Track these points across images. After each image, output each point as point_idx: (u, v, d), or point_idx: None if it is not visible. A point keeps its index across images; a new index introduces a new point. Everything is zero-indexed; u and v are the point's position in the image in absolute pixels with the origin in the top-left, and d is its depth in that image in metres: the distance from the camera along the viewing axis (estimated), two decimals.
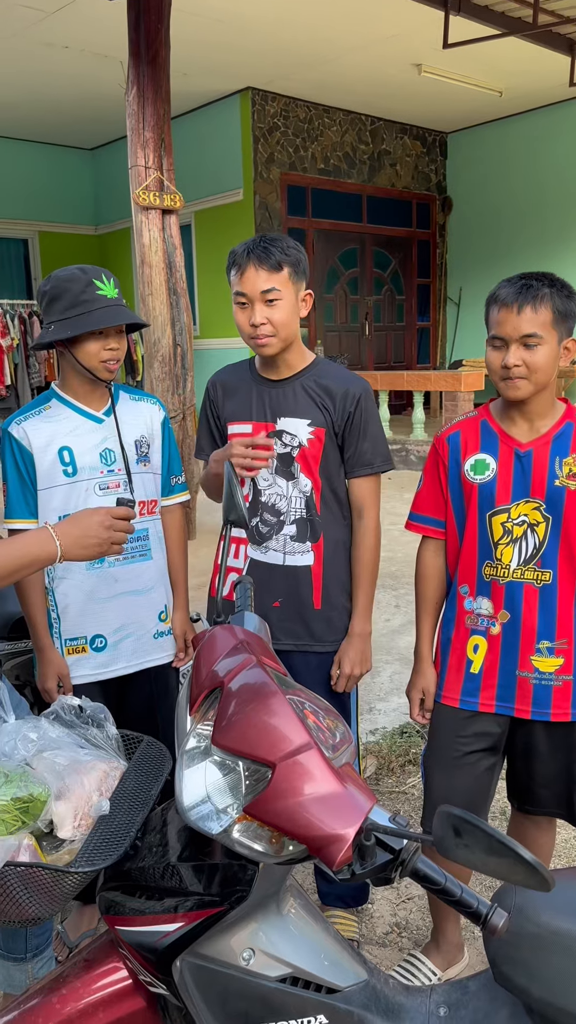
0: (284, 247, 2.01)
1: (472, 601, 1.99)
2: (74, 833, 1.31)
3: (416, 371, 9.85)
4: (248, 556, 2.16)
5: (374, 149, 11.48)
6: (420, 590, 2.14)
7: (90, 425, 2.14)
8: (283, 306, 2.01)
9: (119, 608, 2.19)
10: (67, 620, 2.15)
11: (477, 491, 1.95)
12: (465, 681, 2.01)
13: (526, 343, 1.80)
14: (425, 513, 2.09)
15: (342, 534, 2.20)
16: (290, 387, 2.13)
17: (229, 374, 2.25)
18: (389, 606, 4.68)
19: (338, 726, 1.27)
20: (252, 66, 9.18)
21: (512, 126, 11.40)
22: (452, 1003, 1.39)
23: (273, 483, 2.13)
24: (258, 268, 1.98)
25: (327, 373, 2.16)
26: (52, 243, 12.20)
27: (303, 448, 2.11)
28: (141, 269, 5.76)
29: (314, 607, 2.17)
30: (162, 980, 1.23)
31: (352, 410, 2.12)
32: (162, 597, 2.29)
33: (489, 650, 1.97)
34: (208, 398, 2.26)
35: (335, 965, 1.31)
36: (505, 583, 1.93)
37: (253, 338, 2.04)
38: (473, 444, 1.98)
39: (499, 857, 0.94)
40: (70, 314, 2.02)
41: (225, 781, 1.22)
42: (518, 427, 1.93)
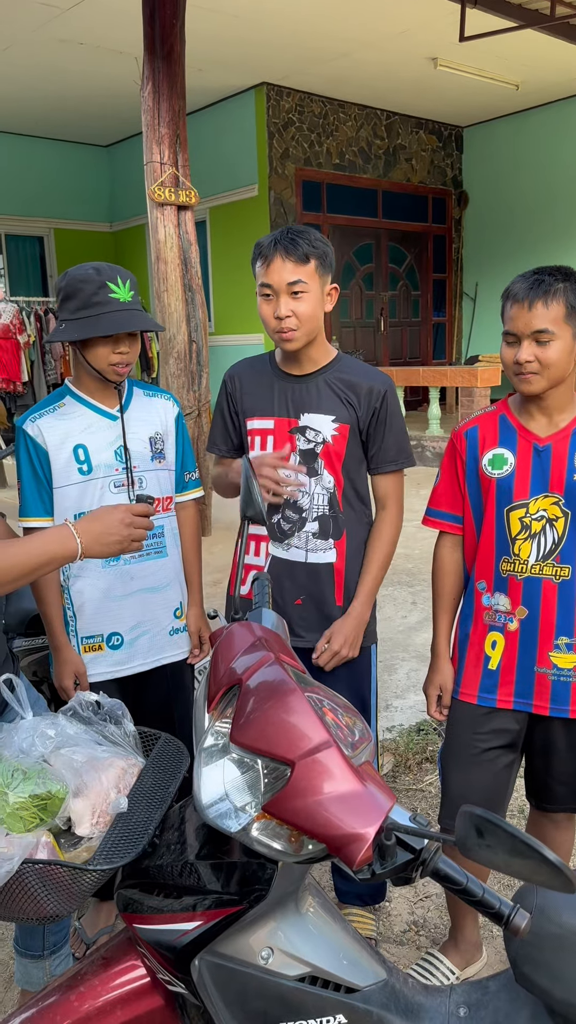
0: (312, 239, 1.99)
1: (490, 597, 1.98)
2: (92, 830, 1.31)
3: (432, 367, 9.79)
4: (269, 553, 2.15)
5: (389, 144, 11.43)
6: (437, 586, 2.13)
7: (105, 422, 2.13)
8: (309, 299, 2.00)
9: (135, 605, 2.19)
10: (83, 618, 2.15)
11: (495, 486, 1.94)
12: (483, 677, 2.00)
13: (538, 339, 1.79)
14: (442, 508, 2.08)
15: (365, 532, 2.19)
16: (313, 383, 2.11)
17: (248, 368, 2.23)
18: (406, 603, 4.66)
19: (357, 724, 1.26)
20: (267, 61, 9.15)
21: (529, 120, 11.30)
22: (472, 1003, 1.37)
23: (296, 479, 2.12)
24: (285, 259, 1.96)
25: (351, 369, 2.14)
26: (68, 240, 12.22)
27: (327, 444, 2.10)
28: (156, 265, 5.76)
29: (336, 604, 2.16)
30: (180, 979, 1.23)
31: (377, 406, 2.11)
32: (177, 594, 2.28)
33: (507, 646, 1.96)
34: (225, 391, 2.24)
35: (354, 964, 1.30)
36: (523, 579, 1.92)
37: (277, 331, 2.02)
38: (491, 439, 1.97)
39: (522, 858, 0.92)
40: (81, 315, 2.00)
41: (243, 779, 1.21)
42: (536, 421, 1.92)
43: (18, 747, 1.37)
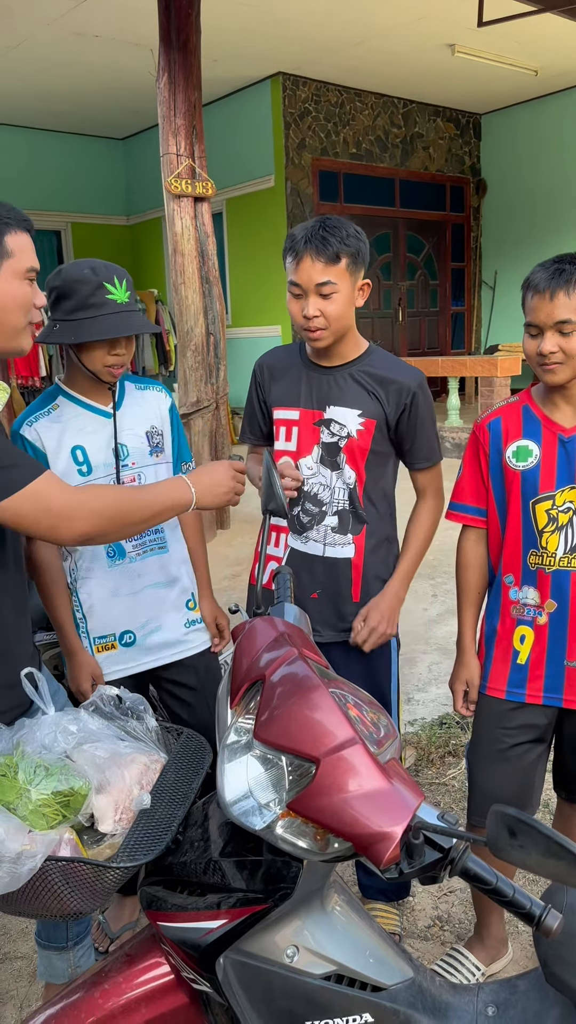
0: (344, 236, 1.93)
1: (517, 591, 1.96)
2: (115, 827, 1.30)
3: (451, 356, 9.72)
4: (288, 545, 2.13)
5: (407, 132, 11.33)
6: (461, 580, 2.10)
7: (100, 421, 2.09)
8: (338, 299, 1.95)
9: (145, 602, 2.16)
10: (94, 619, 2.13)
11: (520, 478, 1.91)
12: (512, 672, 1.97)
13: (561, 330, 1.77)
14: (466, 502, 2.05)
15: (386, 530, 2.17)
16: (341, 375, 2.08)
17: (278, 357, 2.22)
18: (427, 595, 4.63)
19: (382, 720, 1.24)
20: (282, 51, 9.09)
21: (548, 106, 11.16)
22: (501, 1003, 1.35)
23: (317, 472, 2.09)
24: (315, 259, 1.91)
25: (381, 363, 2.10)
26: (85, 234, 12.23)
27: (351, 439, 2.06)
28: (173, 258, 5.74)
29: (352, 600, 2.14)
30: (205, 977, 1.22)
31: (408, 403, 2.07)
32: (187, 586, 2.26)
33: (536, 640, 1.93)
34: (255, 380, 2.23)
35: (380, 963, 1.29)
36: (551, 572, 1.89)
37: (305, 329, 1.99)
38: (515, 430, 1.93)
39: (556, 859, 0.90)
40: (77, 316, 1.94)
41: (267, 776, 1.20)
42: (562, 412, 1.89)
43: (40, 743, 1.36)
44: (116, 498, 1.57)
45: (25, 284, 1.52)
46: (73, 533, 1.50)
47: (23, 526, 1.47)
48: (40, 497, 1.45)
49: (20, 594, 1.69)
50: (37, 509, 1.45)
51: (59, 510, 1.47)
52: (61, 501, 1.47)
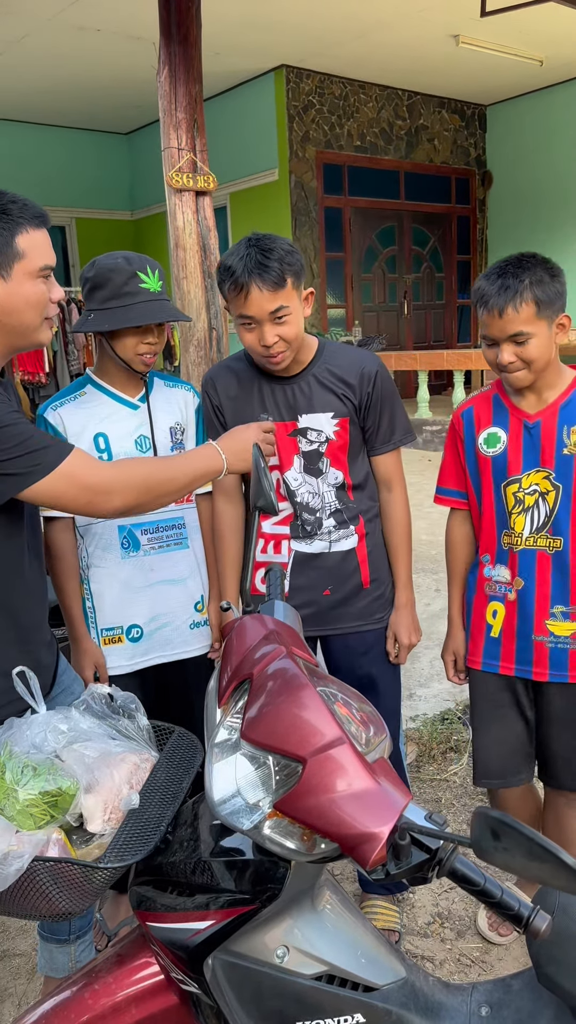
0: (282, 255, 1.87)
1: (491, 569, 2.06)
2: (104, 827, 1.29)
3: (456, 350, 9.68)
4: (292, 549, 2.12)
5: (411, 124, 11.27)
6: (449, 559, 2.22)
7: (126, 411, 2.12)
8: (293, 319, 1.91)
9: (155, 597, 2.17)
10: (103, 610, 2.14)
11: (491, 463, 2.01)
12: (486, 645, 2.09)
13: (516, 340, 1.83)
14: (449, 486, 2.17)
15: (374, 508, 2.20)
16: (304, 382, 2.05)
17: (227, 373, 2.12)
18: (429, 590, 4.61)
19: (372, 719, 1.22)
20: (285, 43, 9.04)
21: (554, 96, 11.08)
22: (494, 1003, 1.34)
23: (303, 483, 2.09)
24: (262, 289, 1.85)
25: (336, 358, 2.08)
26: (89, 229, 12.21)
27: (331, 442, 2.06)
28: (175, 252, 5.72)
29: (363, 586, 2.16)
30: (193, 978, 1.21)
31: (370, 390, 2.07)
32: (198, 587, 2.25)
33: (507, 615, 2.04)
34: (210, 402, 2.13)
35: (372, 962, 1.28)
36: (519, 551, 1.99)
37: (266, 357, 1.95)
38: (486, 418, 2.03)
39: (540, 861, 0.89)
40: (111, 305, 1.98)
41: (256, 775, 1.19)
42: (526, 400, 1.97)
43: (30, 742, 1.36)
44: (150, 469, 1.61)
45: (39, 283, 1.53)
46: (110, 507, 1.54)
47: (62, 504, 1.51)
48: (75, 475, 1.48)
49: (41, 582, 1.71)
50: (73, 487, 1.49)
51: (95, 486, 1.51)
52: (96, 477, 1.51)
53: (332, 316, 11.02)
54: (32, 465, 1.44)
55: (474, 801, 2.89)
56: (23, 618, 1.61)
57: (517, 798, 2.21)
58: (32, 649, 1.63)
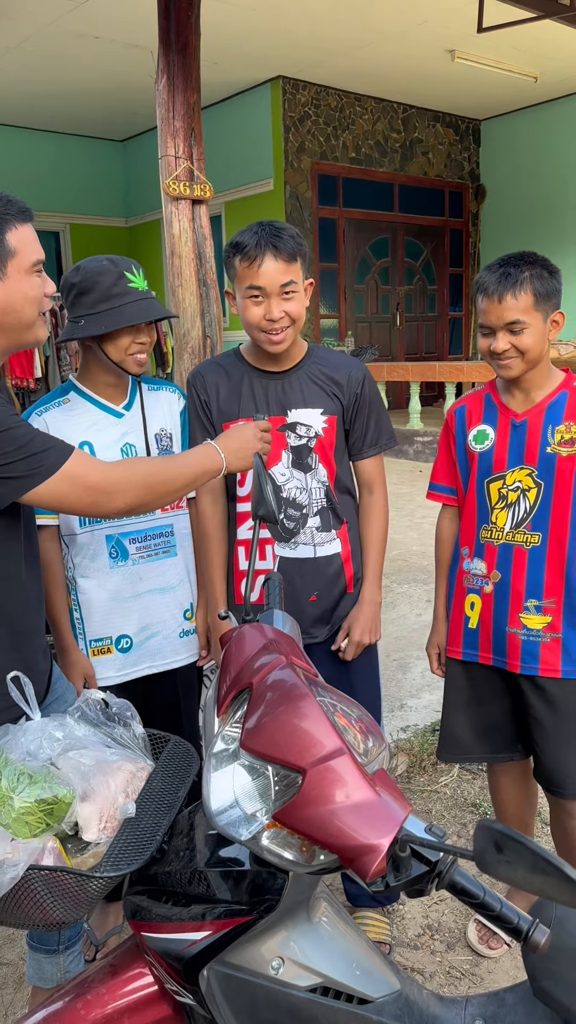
0: (294, 234, 1.95)
1: (470, 562, 2.11)
2: (99, 836, 1.28)
3: (448, 362, 9.72)
4: (276, 555, 2.11)
5: (406, 137, 11.34)
6: (437, 554, 2.28)
7: (110, 419, 2.10)
8: (299, 298, 1.96)
9: (144, 607, 2.15)
10: (91, 621, 2.11)
11: (478, 460, 2.07)
12: (465, 635, 2.15)
13: (511, 329, 1.90)
14: (440, 482, 2.22)
15: (354, 516, 2.22)
16: (295, 378, 2.08)
17: (217, 369, 2.13)
18: (421, 600, 4.62)
19: (371, 730, 1.22)
20: (283, 54, 9.09)
21: (548, 112, 11.18)
22: (488, 1016, 1.34)
23: (291, 477, 2.09)
24: (276, 259, 1.90)
25: (326, 360, 2.12)
26: (83, 235, 12.22)
27: (320, 438, 2.08)
28: (171, 260, 5.72)
29: (347, 592, 2.18)
30: (188, 990, 1.20)
31: (358, 391, 2.11)
32: (187, 595, 2.24)
33: (483, 607, 2.09)
34: (197, 398, 2.12)
35: (367, 974, 1.27)
36: (499, 545, 2.05)
37: (267, 332, 1.96)
38: (477, 416, 2.10)
39: (543, 875, 0.88)
40: (102, 308, 1.96)
41: (254, 785, 1.18)
42: (515, 399, 2.03)
43: (25, 749, 1.34)
44: (151, 469, 1.61)
45: (34, 277, 1.53)
46: (114, 506, 1.54)
47: (65, 506, 1.51)
48: (77, 476, 1.48)
49: (38, 589, 1.70)
50: (77, 488, 1.49)
51: (98, 486, 1.51)
52: (98, 478, 1.51)
53: (325, 326, 11.05)
54: (34, 468, 1.44)
55: (464, 812, 2.89)
56: (20, 624, 1.60)
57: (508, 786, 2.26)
58: (28, 656, 1.62)
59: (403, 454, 8.97)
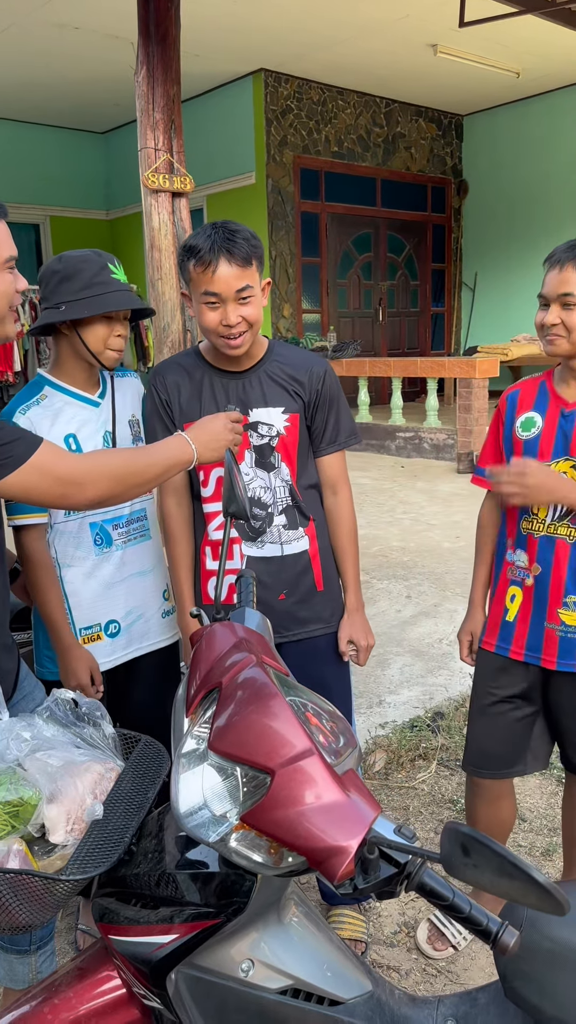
0: (248, 236, 1.91)
1: (512, 553, 2.07)
2: (67, 838, 1.26)
3: (430, 357, 9.73)
4: (244, 554, 2.10)
5: (388, 132, 11.33)
6: (478, 539, 2.24)
7: (89, 410, 2.11)
8: (255, 302, 1.93)
9: (128, 590, 2.18)
10: (80, 609, 2.12)
11: (523, 447, 2.02)
12: (501, 628, 2.10)
13: (565, 302, 1.86)
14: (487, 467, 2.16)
15: (321, 513, 2.20)
16: (255, 377, 2.06)
17: (177, 369, 2.11)
18: (400, 597, 4.62)
19: (342, 730, 1.21)
20: (265, 47, 9.05)
21: (530, 108, 11.21)
22: (460, 1016, 1.33)
23: (255, 477, 2.08)
24: (230, 264, 1.87)
25: (287, 357, 2.10)
26: (63, 228, 12.12)
27: (282, 436, 2.07)
28: (151, 253, 5.68)
29: (317, 589, 2.16)
30: (156, 993, 1.18)
31: (319, 388, 2.09)
32: (163, 576, 2.28)
33: (523, 601, 2.05)
34: (158, 398, 2.09)
35: (338, 976, 1.26)
36: (539, 537, 2.00)
37: (225, 337, 1.94)
38: (527, 402, 2.05)
39: (510, 879, 0.87)
40: (84, 295, 1.96)
41: (224, 786, 1.16)
42: (570, 388, 1.99)
43: None
44: (122, 460, 1.59)
45: (5, 273, 1.53)
46: (84, 498, 1.53)
47: (34, 497, 1.50)
48: (46, 467, 1.47)
49: (2, 586, 1.68)
50: (46, 479, 1.48)
51: (67, 477, 1.50)
52: (67, 469, 1.50)
53: (307, 321, 11.03)
54: (3, 459, 1.42)
55: (442, 809, 2.89)
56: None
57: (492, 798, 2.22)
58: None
59: (385, 449, 8.97)
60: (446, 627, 4.17)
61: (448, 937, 2.25)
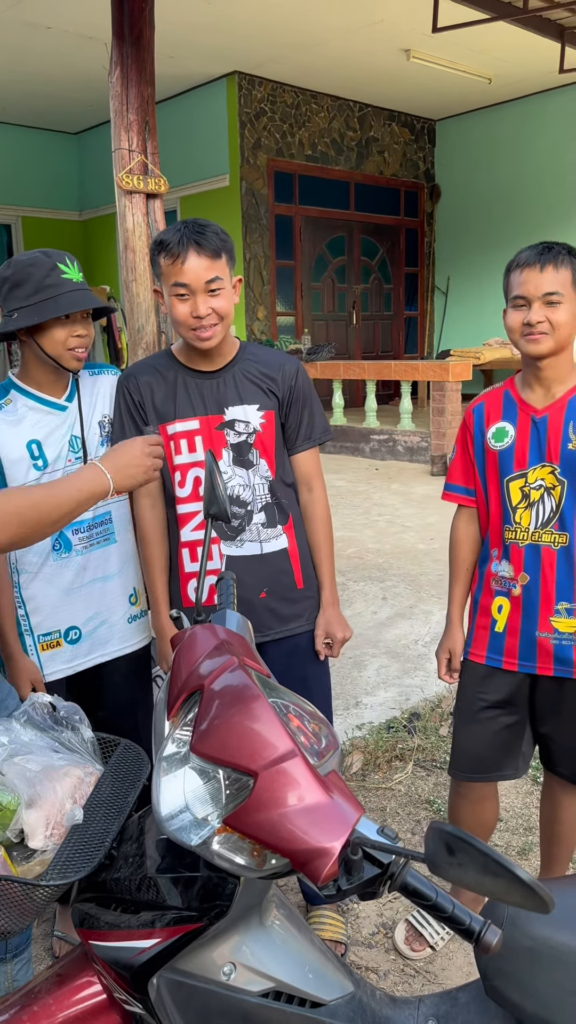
0: (218, 231, 1.93)
1: (497, 564, 2.07)
2: (46, 843, 1.25)
3: (404, 361, 9.78)
4: (223, 554, 2.10)
5: (362, 136, 11.37)
6: (452, 556, 2.23)
7: (55, 414, 2.07)
8: (225, 294, 1.95)
9: (90, 596, 2.15)
10: (39, 615, 2.09)
11: (497, 458, 2.03)
12: (490, 639, 2.10)
13: (549, 300, 1.88)
14: (457, 483, 2.18)
15: (298, 511, 2.21)
16: (229, 375, 2.07)
17: (150, 370, 2.10)
18: (376, 598, 4.63)
19: (323, 731, 1.21)
20: (239, 49, 9.05)
21: (501, 113, 11.31)
22: (441, 1015, 1.34)
23: (233, 475, 2.08)
24: (199, 255, 1.89)
25: (259, 356, 2.12)
26: (36, 228, 12.03)
27: (258, 433, 2.08)
28: (125, 254, 5.64)
29: (297, 587, 2.17)
30: (137, 998, 1.18)
31: (292, 384, 2.11)
32: (131, 580, 2.24)
33: (512, 611, 2.04)
34: (131, 399, 2.08)
35: (320, 978, 1.26)
36: (524, 546, 2.00)
37: (195, 330, 1.95)
38: (495, 413, 2.06)
39: (494, 877, 0.88)
40: (35, 300, 1.92)
41: (206, 789, 1.16)
42: (535, 394, 2.00)
43: None
44: (28, 500, 1.46)
45: None
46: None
47: None
48: None
49: None
50: None
51: None
52: None
53: (281, 323, 11.03)
54: None
55: (419, 809, 2.90)
56: None
57: (476, 799, 2.22)
58: None
59: (359, 452, 9.00)
60: (422, 628, 4.19)
61: (426, 937, 2.26)
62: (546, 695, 2.06)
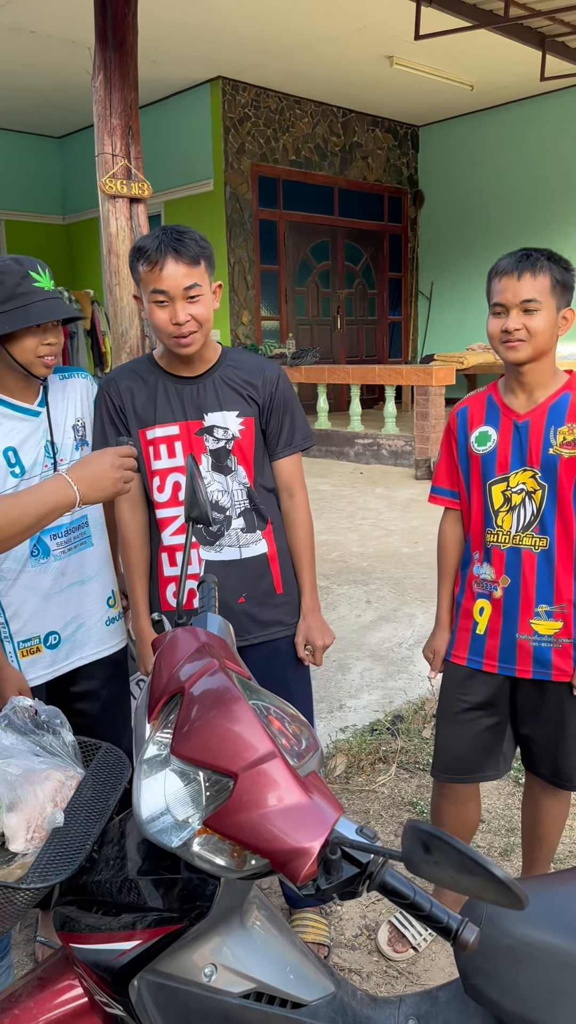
0: (197, 237, 1.94)
1: (479, 566, 2.09)
2: (27, 846, 1.25)
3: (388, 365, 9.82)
4: (202, 559, 2.10)
5: (346, 141, 11.42)
6: (440, 559, 2.25)
7: (28, 421, 2.06)
8: (204, 301, 1.95)
9: (68, 600, 2.14)
10: (18, 622, 2.08)
11: (480, 461, 2.05)
12: (472, 641, 2.12)
13: (526, 308, 1.89)
14: (442, 486, 2.20)
15: (278, 516, 2.22)
16: (210, 381, 2.07)
17: (131, 376, 2.11)
18: (360, 602, 4.64)
19: (304, 732, 1.22)
20: (223, 55, 9.07)
21: (483, 120, 11.39)
22: (422, 1015, 1.34)
23: (212, 480, 2.09)
24: (177, 262, 1.89)
25: (240, 362, 2.12)
26: (19, 233, 12.00)
27: (237, 440, 2.08)
28: (108, 259, 5.65)
29: (277, 592, 2.18)
30: (118, 1001, 1.18)
31: (273, 391, 2.11)
32: (108, 582, 2.24)
33: (493, 613, 2.07)
34: (111, 404, 2.09)
35: (301, 978, 1.27)
36: (506, 549, 2.03)
37: (176, 337, 1.95)
38: (478, 417, 2.08)
39: (470, 875, 0.89)
40: (6, 308, 1.91)
41: (186, 791, 1.16)
42: (518, 399, 2.02)
43: None
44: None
45: None
46: None
47: None
48: None
49: None
50: None
51: None
52: None
53: (266, 328, 11.06)
54: None
55: (402, 811, 2.91)
56: None
57: (459, 800, 2.24)
58: None
59: (344, 456, 9.02)
60: (405, 631, 4.20)
61: (409, 939, 2.27)
62: (526, 697, 2.08)
